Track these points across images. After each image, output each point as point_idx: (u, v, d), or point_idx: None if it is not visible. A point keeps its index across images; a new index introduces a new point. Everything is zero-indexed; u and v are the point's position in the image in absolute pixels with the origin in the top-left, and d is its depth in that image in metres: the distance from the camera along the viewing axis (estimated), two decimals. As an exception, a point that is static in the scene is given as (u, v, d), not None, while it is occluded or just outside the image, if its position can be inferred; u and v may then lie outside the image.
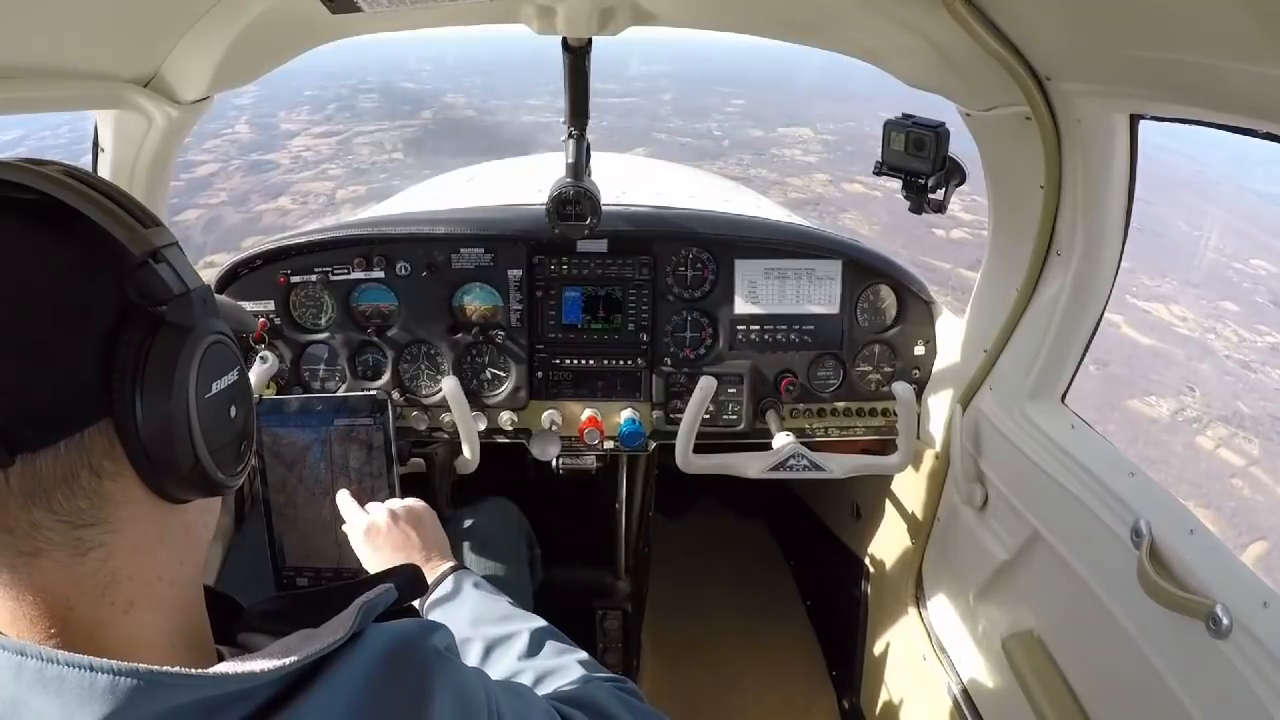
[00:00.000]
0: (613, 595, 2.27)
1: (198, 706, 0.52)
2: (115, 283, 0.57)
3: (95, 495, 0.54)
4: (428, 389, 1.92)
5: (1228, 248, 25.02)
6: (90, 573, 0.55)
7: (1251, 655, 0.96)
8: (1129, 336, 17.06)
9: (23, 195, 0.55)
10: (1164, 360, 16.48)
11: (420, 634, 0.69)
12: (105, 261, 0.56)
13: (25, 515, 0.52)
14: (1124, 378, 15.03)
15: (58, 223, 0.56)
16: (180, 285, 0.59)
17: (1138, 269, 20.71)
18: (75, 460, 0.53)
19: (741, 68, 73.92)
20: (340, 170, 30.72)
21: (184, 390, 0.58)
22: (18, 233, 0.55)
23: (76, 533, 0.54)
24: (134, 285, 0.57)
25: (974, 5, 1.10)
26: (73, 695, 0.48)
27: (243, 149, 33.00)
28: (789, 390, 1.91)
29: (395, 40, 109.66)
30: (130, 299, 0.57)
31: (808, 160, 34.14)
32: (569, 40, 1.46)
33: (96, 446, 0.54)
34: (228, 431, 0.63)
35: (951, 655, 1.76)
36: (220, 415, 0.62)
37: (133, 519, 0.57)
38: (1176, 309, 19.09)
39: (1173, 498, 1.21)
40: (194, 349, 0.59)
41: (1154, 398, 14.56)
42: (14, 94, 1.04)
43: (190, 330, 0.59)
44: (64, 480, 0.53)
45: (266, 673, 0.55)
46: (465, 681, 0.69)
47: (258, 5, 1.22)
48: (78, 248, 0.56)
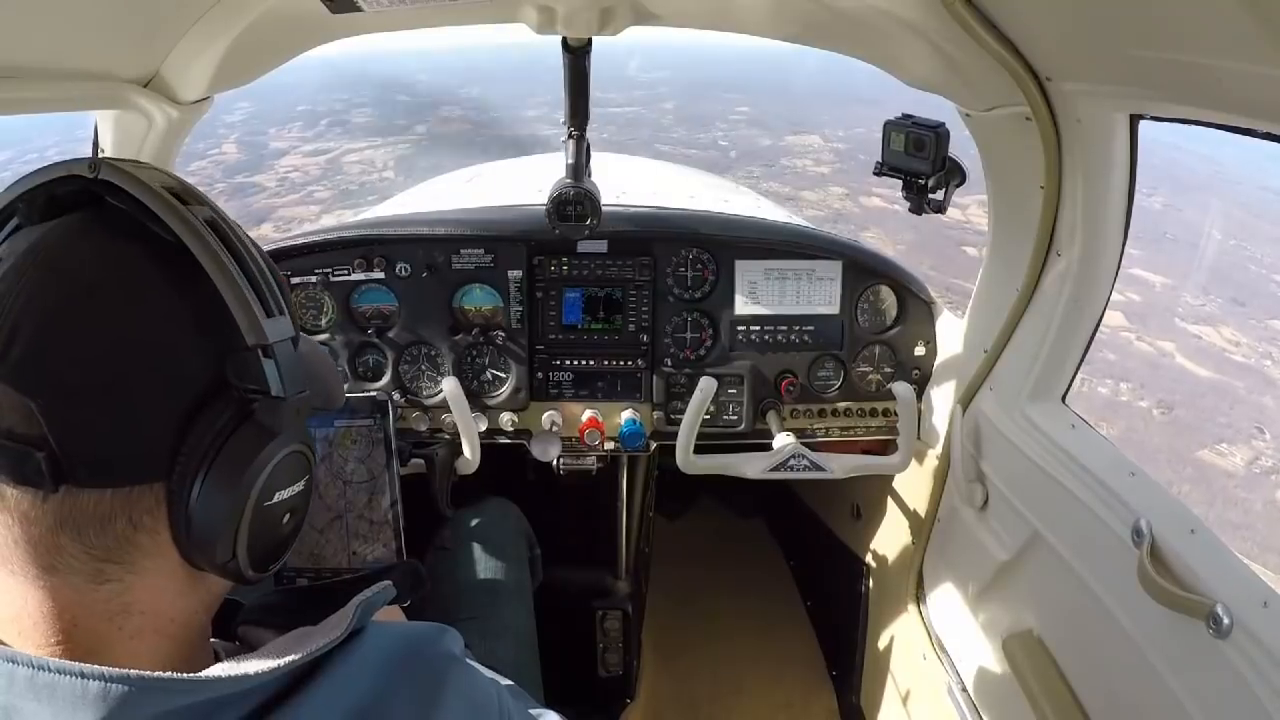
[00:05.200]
0: (613, 595, 2.27)
1: (192, 710, 0.51)
2: (218, 355, 0.54)
3: (126, 541, 0.54)
4: (428, 390, 1.92)
5: (1266, 257, 24.39)
6: (103, 600, 0.54)
7: (1252, 655, 0.96)
8: (1186, 369, 16.46)
9: (159, 230, 0.53)
10: (1227, 396, 15.81)
11: (432, 636, 0.68)
12: (216, 332, 0.54)
13: (52, 538, 0.52)
14: (1191, 423, 14.36)
15: (184, 273, 0.53)
16: (280, 388, 0.56)
17: (1179, 285, 20.04)
18: (117, 507, 0.52)
19: (743, 72, 73.67)
20: (327, 193, 30.52)
21: (247, 493, 0.56)
22: (142, 268, 0.53)
23: (98, 565, 0.53)
24: (234, 368, 0.55)
25: (974, 5, 1.10)
26: (65, 702, 0.48)
27: (228, 171, 32.72)
28: (789, 391, 1.90)
29: (393, 51, 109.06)
30: (227, 378, 0.55)
31: (820, 171, 33.83)
32: (569, 40, 1.46)
33: (142, 503, 0.53)
34: (275, 537, 0.62)
35: (952, 655, 1.76)
36: (272, 522, 0.61)
37: (157, 570, 0.56)
38: (1227, 332, 18.54)
39: (1173, 497, 1.21)
40: (271, 455, 0.57)
41: (1225, 445, 13.88)
42: (14, 94, 1.04)
43: (275, 435, 0.57)
44: (100, 520, 0.52)
45: (261, 674, 0.54)
46: (479, 689, 0.68)
47: (258, 5, 1.22)
48: (193, 308, 0.54)
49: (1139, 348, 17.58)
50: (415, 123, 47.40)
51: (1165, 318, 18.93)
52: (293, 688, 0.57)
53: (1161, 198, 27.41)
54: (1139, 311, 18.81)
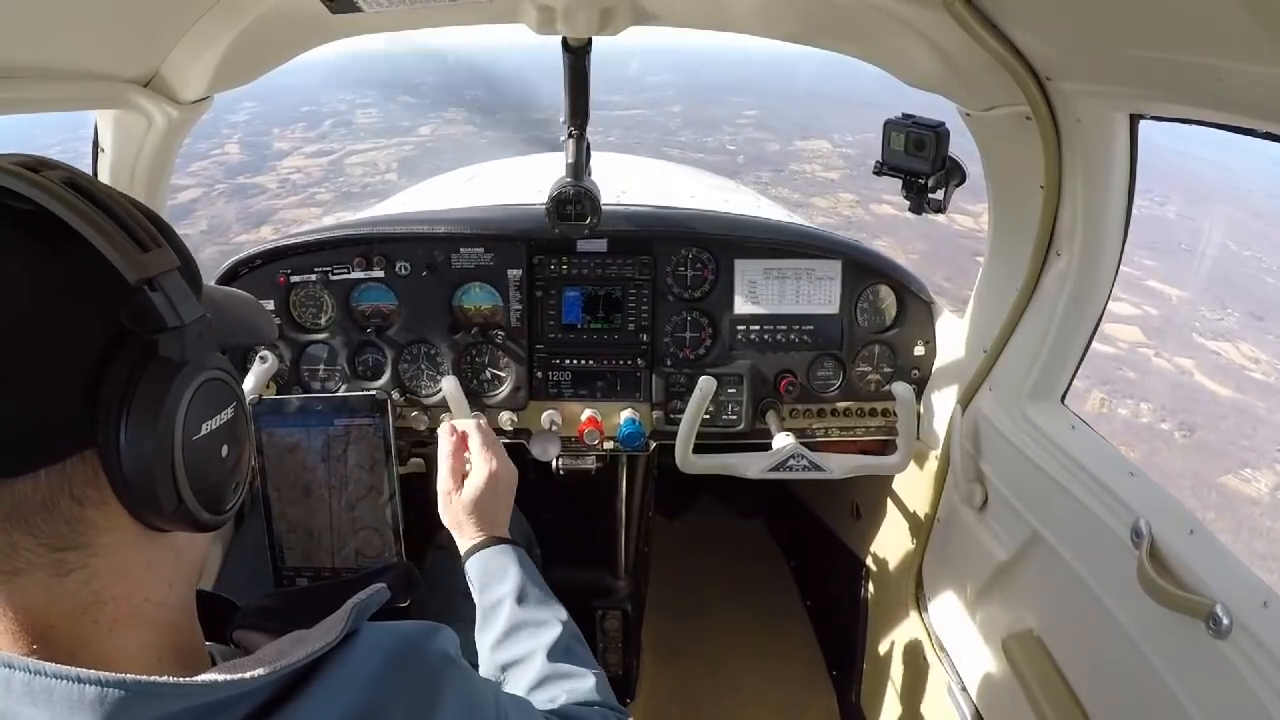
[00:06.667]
0: (613, 595, 2.27)
1: (187, 715, 0.51)
2: (107, 308, 0.53)
3: (77, 521, 0.53)
4: (428, 389, 1.92)
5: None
6: (71, 593, 0.53)
7: (1251, 655, 0.96)
8: (1206, 388, 16.16)
9: (16, 204, 0.51)
10: (1249, 417, 15.48)
11: (425, 636, 0.68)
12: (98, 285, 0.52)
13: (4, 536, 0.51)
14: (1213, 445, 14.07)
15: (50, 238, 0.52)
16: (175, 317, 0.55)
17: (1196, 298, 19.72)
18: (56, 488, 0.51)
19: (747, 75, 73.35)
20: (329, 195, 30.46)
21: (169, 430, 0.55)
22: (4, 246, 0.51)
23: (57, 555, 0.52)
24: (126, 312, 0.53)
25: (974, 6, 1.10)
26: (61, 707, 0.48)
27: (230, 171, 32.61)
28: (789, 390, 1.90)
29: (397, 53, 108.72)
30: (124, 325, 0.53)
31: (830, 177, 33.63)
32: (569, 40, 1.46)
33: (78, 475, 0.52)
34: (217, 472, 0.60)
35: (951, 655, 1.76)
36: (209, 456, 0.59)
37: (117, 545, 0.55)
38: (1246, 348, 18.25)
39: (1173, 498, 1.21)
40: (184, 387, 0.56)
41: (1249, 470, 13.57)
42: (14, 94, 1.04)
43: (181, 366, 0.55)
44: (44, 506, 0.51)
45: (256, 678, 0.54)
46: (476, 693, 0.68)
47: (258, 5, 1.22)
48: (67, 268, 0.52)
49: (1158, 365, 17.36)
50: (419, 124, 47.32)
51: (1183, 333, 18.57)
52: (289, 691, 0.57)
53: (1175, 206, 27.17)
54: (1156, 326, 18.61)
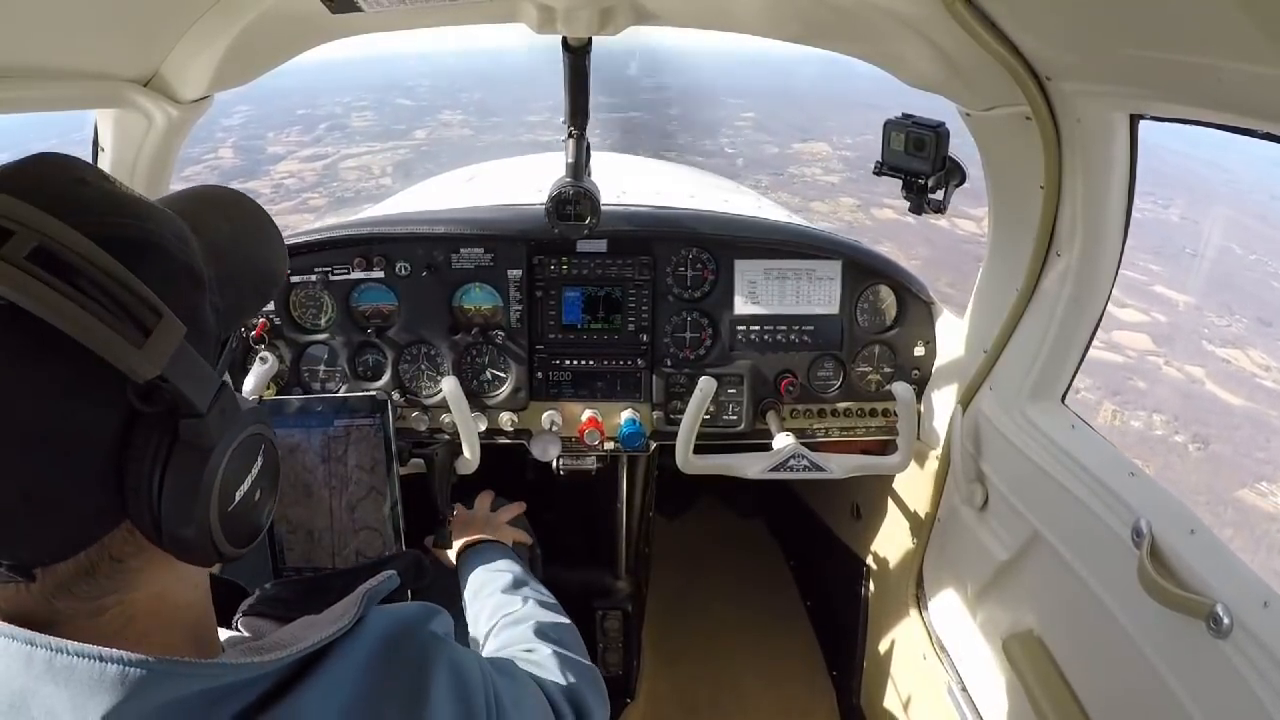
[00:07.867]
0: (613, 595, 2.27)
1: (204, 696, 0.52)
2: (116, 390, 0.49)
3: (116, 574, 0.54)
4: (428, 389, 1.91)
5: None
6: (107, 622, 0.55)
7: (1251, 655, 0.96)
8: (1218, 397, 15.96)
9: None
10: (1262, 428, 15.27)
11: (420, 618, 0.69)
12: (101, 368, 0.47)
13: (46, 605, 0.52)
14: (1228, 459, 13.90)
15: (37, 335, 0.46)
16: (191, 405, 0.52)
17: (1203, 304, 19.53)
18: (95, 557, 0.52)
19: (746, 77, 73.23)
20: (323, 200, 30.33)
21: (205, 507, 0.55)
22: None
23: (96, 603, 0.54)
24: (137, 396, 0.50)
25: (974, 6, 1.10)
26: (82, 685, 0.48)
27: (224, 176, 32.41)
28: (789, 391, 1.90)
29: (395, 54, 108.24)
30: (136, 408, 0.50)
31: (830, 180, 33.41)
32: (569, 40, 1.46)
33: (116, 541, 0.53)
34: (250, 517, 0.61)
35: (952, 655, 1.76)
36: (244, 509, 0.60)
37: (153, 577, 0.57)
38: (1256, 355, 18.04)
39: (1173, 497, 1.21)
40: (214, 470, 0.55)
41: (1265, 484, 13.37)
42: (14, 94, 1.04)
43: (209, 452, 0.54)
44: (85, 573, 0.52)
45: (271, 661, 0.56)
46: (463, 662, 0.70)
47: (258, 5, 1.22)
48: (66, 364, 0.47)
49: (1168, 374, 17.20)
50: (415, 127, 47.16)
51: (1192, 340, 18.30)
52: (295, 676, 0.58)
53: (1178, 210, 27.02)
54: (1165, 334, 18.46)
